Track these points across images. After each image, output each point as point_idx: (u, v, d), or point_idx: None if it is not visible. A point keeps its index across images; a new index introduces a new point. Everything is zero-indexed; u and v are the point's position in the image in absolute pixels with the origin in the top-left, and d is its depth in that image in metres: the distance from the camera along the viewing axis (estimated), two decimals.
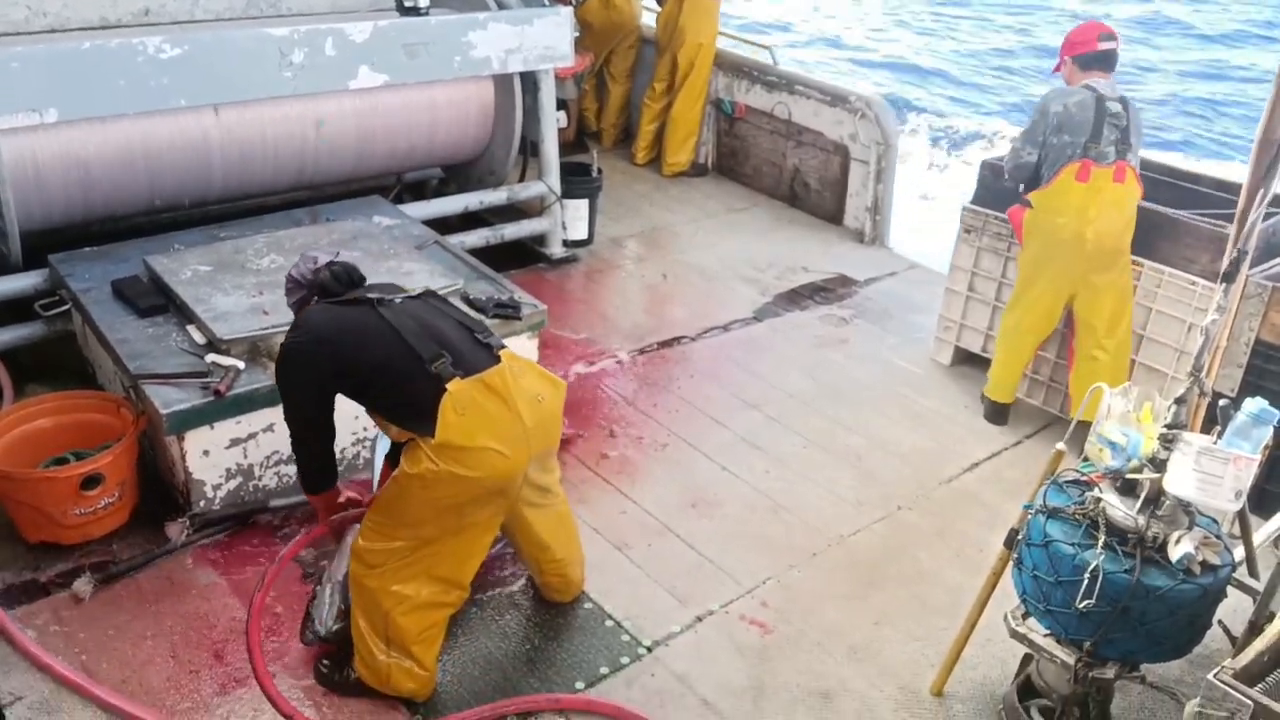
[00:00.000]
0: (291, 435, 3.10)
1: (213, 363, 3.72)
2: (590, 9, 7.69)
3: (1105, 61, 4.41)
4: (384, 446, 3.60)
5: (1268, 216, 3.96)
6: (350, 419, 3.94)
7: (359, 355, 2.92)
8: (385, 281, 3.40)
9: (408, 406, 2.87)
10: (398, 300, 3.03)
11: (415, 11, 5.26)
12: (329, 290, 3.10)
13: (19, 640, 3.14)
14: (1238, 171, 4.92)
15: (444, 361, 2.87)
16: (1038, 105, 4.46)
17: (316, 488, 3.21)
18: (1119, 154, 4.28)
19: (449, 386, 2.82)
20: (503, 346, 3.05)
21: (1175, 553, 2.51)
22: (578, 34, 7.70)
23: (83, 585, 3.41)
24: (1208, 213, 4.42)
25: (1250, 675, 2.12)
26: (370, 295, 3.03)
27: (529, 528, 3.24)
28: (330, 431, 3.10)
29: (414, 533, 2.94)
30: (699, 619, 3.54)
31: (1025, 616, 2.87)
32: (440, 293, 3.17)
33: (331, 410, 3.04)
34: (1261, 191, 2.78)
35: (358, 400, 3.03)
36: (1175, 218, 4.37)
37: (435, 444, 2.80)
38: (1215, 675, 2.08)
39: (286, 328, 3.77)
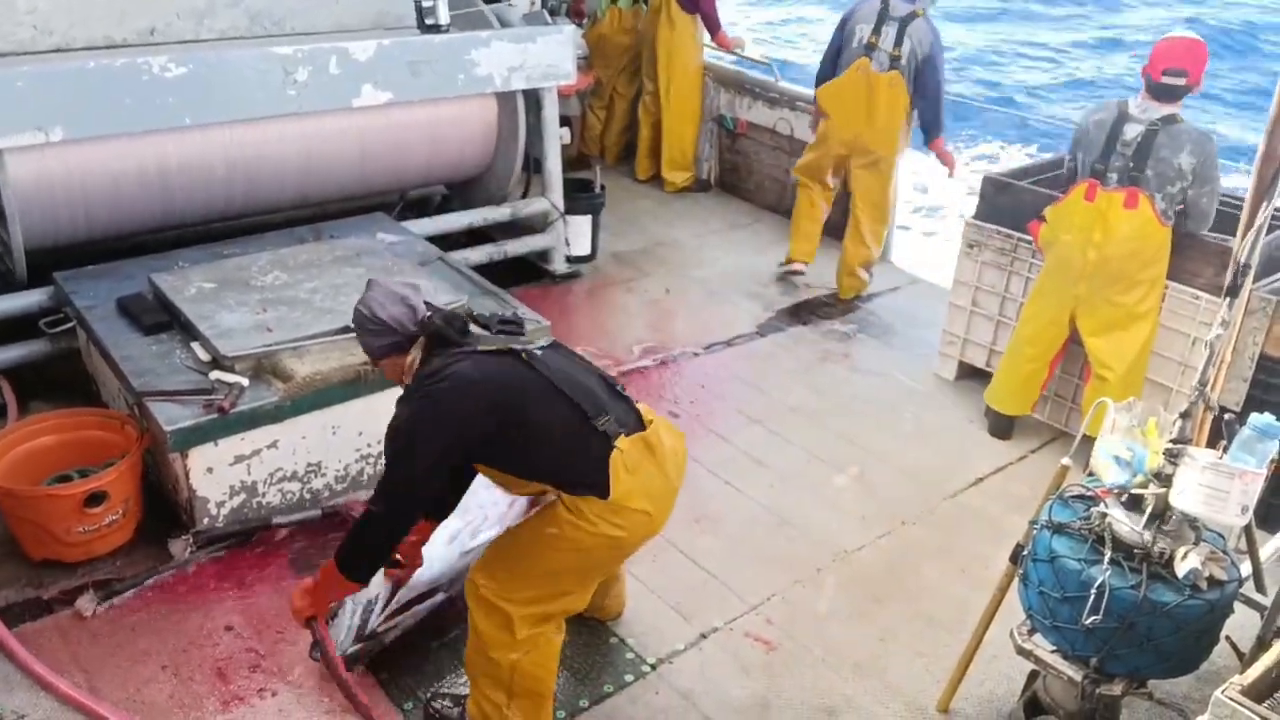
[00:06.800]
0: (377, 511, 2.67)
1: (217, 380, 3.73)
2: (601, 29, 7.78)
3: (1160, 92, 4.17)
4: None
5: (1271, 230, 3.95)
6: (354, 435, 3.95)
7: (526, 415, 2.67)
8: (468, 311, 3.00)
9: (573, 468, 2.71)
10: (538, 350, 2.80)
11: (437, 29, 5.27)
12: (445, 341, 2.78)
13: (22, 658, 3.14)
14: (1239, 183, 4.91)
15: (608, 419, 2.72)
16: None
17: (362, 574, 2.77)
18: (1130, 180, 4.18)
19: (618, 444, 2.70)
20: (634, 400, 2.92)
21: (1182, 568, 2.50)
22: (587, 54, 7.79)
23: (86, 603, 3.41)
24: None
25: (1258, 692, 2.11)
26: (513, 346, 2.77)
27: None
28: (419, 515, 2.84)
29: (552, 586, 2.80)
30: (703, 636, 3.53)
31: (1031, 632, 2.85)
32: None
33: (439, 489, 2.81)
34: (1265, 205, 2.78)
35: (489, 465, 2.81)
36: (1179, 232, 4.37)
37: (605, 504, 2.67)
38: (1223, 692, 2.06)
39: (290, 345, 3.82)
